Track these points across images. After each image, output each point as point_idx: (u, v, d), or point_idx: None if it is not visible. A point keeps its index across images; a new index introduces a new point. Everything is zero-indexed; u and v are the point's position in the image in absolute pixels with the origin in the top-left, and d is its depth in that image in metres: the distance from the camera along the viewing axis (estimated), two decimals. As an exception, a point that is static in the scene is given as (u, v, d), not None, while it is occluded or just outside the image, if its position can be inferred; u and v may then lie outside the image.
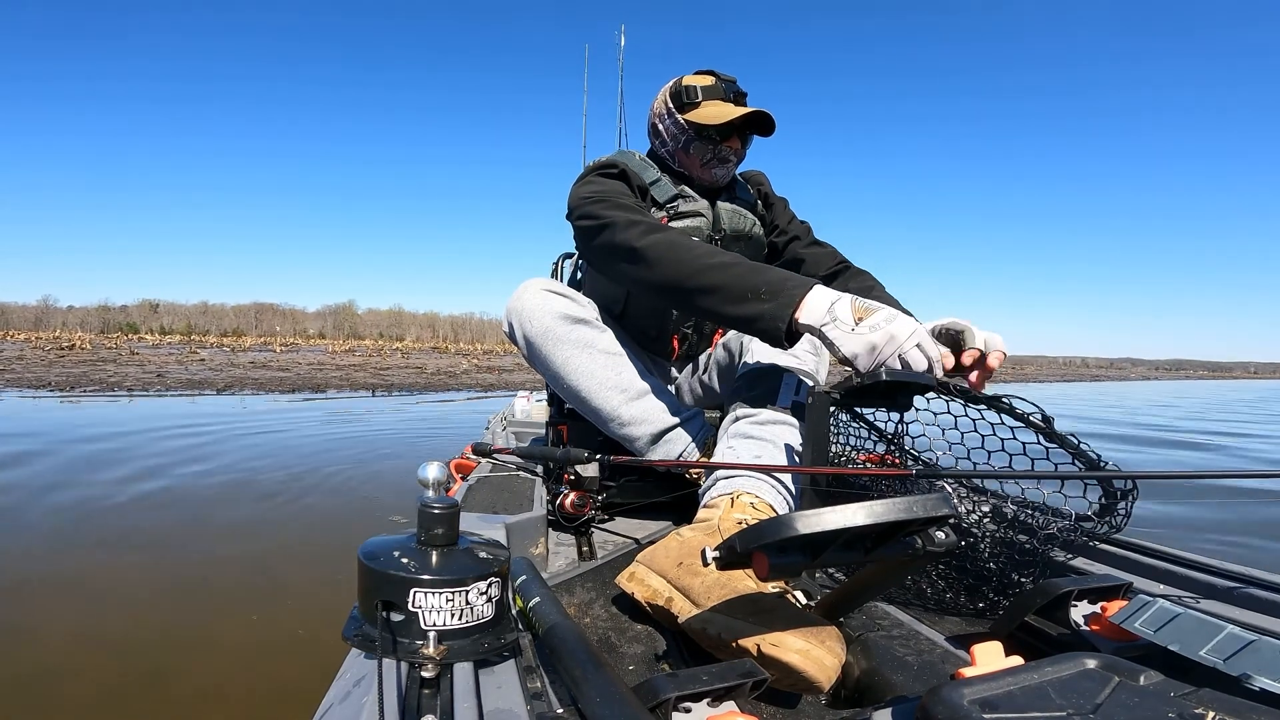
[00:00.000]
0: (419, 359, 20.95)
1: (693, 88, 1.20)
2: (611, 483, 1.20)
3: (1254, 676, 0.45)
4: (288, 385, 9.94)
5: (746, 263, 0.92)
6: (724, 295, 0.90)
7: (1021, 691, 0.39)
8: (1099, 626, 0.62)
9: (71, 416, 5.71)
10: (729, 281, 0.90)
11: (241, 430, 5.08)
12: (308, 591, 1.92)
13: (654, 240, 0.99)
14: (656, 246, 0.98)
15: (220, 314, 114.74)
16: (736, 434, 0.97)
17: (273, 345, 31.79)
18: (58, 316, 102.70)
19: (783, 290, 0.86)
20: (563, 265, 1.77)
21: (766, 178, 1.40)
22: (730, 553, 0.52)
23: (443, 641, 0.46)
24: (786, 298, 0.85)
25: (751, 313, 0.88)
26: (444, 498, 0.51)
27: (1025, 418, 0.84)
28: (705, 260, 0.93)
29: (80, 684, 1.40)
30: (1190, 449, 5.84)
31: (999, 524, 0.84)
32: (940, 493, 0.57)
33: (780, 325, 0.85)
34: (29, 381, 8.90)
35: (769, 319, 0.86)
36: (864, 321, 0.80)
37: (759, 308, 0.87)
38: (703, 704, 0.44)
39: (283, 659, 1.52)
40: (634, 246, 1.00)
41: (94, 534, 2.39)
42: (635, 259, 1.00)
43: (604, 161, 1.22)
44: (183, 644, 1.59)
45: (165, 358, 15.74)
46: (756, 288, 0.88)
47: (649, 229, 1.01)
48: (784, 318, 0.85)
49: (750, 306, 0.88)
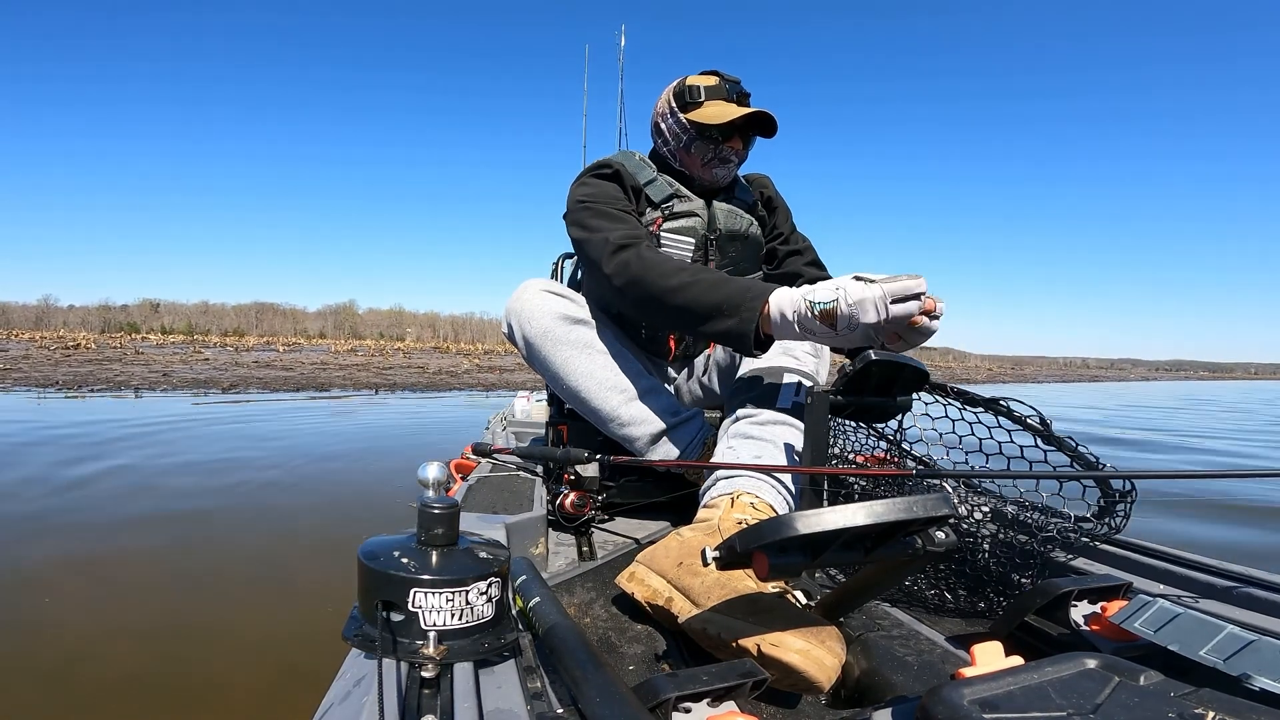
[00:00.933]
0: (420, 359, 21.00)
1: (696, 87, 1.20)
2: (611, 483, 1.20)
3: (1254, 676, 0.45)
4: (292, 384, 9.99)
5: (706, 279, 0.93)
6: (689, 316, 0.93)
7: (1021, 691, 0.39)
8: (1099, 626, 0.62)
9: (124, 414, 5.80)
10: (690, 302, 0.92)
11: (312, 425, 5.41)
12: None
13: (618, 263, 1.01)
14: (621, 271, 1.00)
15: (221, 314, 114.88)
16: (737, 434, 0.97)
17: (276, 345, 31.85)
18: (59, 316, 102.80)
19: (742, 304, 0.87)
20: (563, 265, 1.77)
21: (771, 181, 1.40)
22: (730, 553, 0.52)
23: (443, 641, 0.46)
24: (748, 312, 0.87)
25: (718, 330, 0.90)
26: (444, 498, 0.51)
27: (1023, 420, 0.84)
28: (668, 282, 0.95)
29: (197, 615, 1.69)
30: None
31: (999, 525, 0.84)
32: (940, 493, 0.57)
33: (747, 340, 0.87)
34: (36, 380, 8.97)
35: (735, 335, 0.88)
36: (836, 326, 0.79)
37: (723, 324, 0.89)
38: (703, 704, 0.45)
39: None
40: (605, 272, 1.03)
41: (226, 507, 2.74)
42: (606, 282, 1.03)
43: (599, 162, 1.23)
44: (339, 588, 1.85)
45: (170, 357, 15.86)
46: (718, 304, 0.89)
47: (616, 248, 1.02)
48: (748, 332, 0.87)
49: (715, 324, 0.90)
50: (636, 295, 0.99)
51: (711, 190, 1.27)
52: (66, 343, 21.41)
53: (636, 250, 1.01)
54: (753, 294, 0.88)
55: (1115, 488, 0.79)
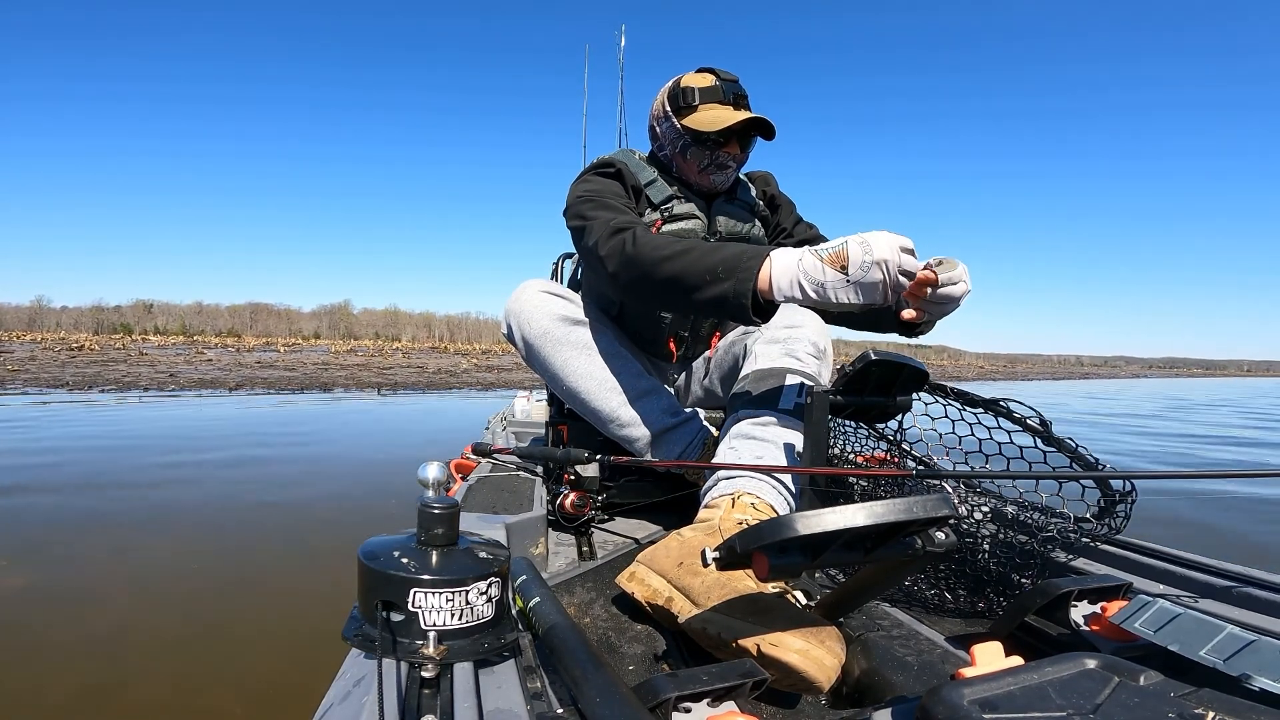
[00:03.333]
0: (420, 359, 21.06)
1: (690, 90, 1.17)
2: (611, 483, 1.20)
3: (1254, 676, 0.45)
4: (296, 384, 10.07)
5: (702, 246, 0.90)
6: (685, 284, 0.88)
7: (1021, 691, 0.39)
8: (1099, 626, 0.62)
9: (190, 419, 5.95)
10: (685, 269, 0.88)
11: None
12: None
13: (613, 246, 0.98)
14: (616, 253, 0.97)
15: (215, 314, 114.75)
16: (739, 434, 0.97)
17: (276, 345, 31.87)
18: (52, 317, 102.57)
19: (739, 265, 0.83)
20: (563, 266, 1.77)
21: (774, 178, 1.37)
22: (730, 553, 0.52)
23: (443, 641, 0.46)
24: (745, 273, 0.82)
25: (715, 294, 0.85)
26: (444, 498, 0.51)
27: (1023, 421, 0.84)
28: (661, 252, 0.91)
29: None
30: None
31: (999, 525, 0.84)
32: (940, 493, 0.57)
33: (744, 301, 0.82)
34: (46, 381, 9.08)
35: (733, 298, 0.83)
36: (849, 267, 0.76)
37: (720, 288, 0.84)
38: (703, 704, 0.45)
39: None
40: (600, 255, 0.99)
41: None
42: (601, 267, 1.00)
43: (601, 160, 1.22)
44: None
45: (174, 358, 15.96)
46: (713, 268, 0.85)
47: (612, 232, 0.99)
48: (745, 293, 0.82)
49: (712, 289, 0.85)
50: (630, 276, 0.96)
51: (713, 192, 1.26)
52: (69, 344, 21.47)
53: (632, 231, 0.98)
54: (749, 254, 0.84)
55: (1115, 488, 0.79)
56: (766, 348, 1.06)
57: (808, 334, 1.05)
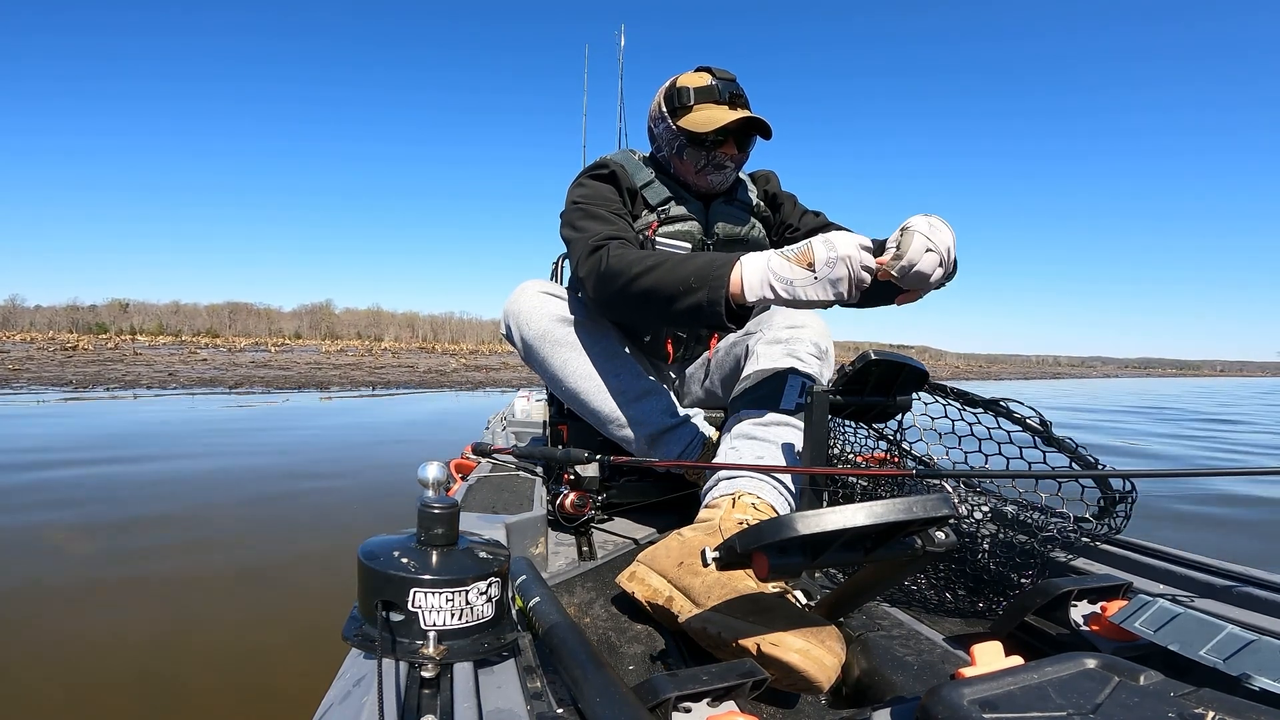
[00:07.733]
0: (409, 358, 21.17)
1: (685, 90, 1.15)
2: (611, 483, 1.20)
3: (1254, 676, 0.45)
4: (293, 383, 10.13)
5: (674, 258, 0.91)
6: (659, 297, 0.90)
7: (1021, 691, 0.39)
8: (1099, 626, 0.62)
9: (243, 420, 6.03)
10: (658, 282, 0.89)
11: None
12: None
13: (591, 263, 0.99)
14: (593, 270, 0.98)
15: (193, 313, 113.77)
16: (739, 434, 0.97)
17: (267, 345, 31.94)
18: (25, 316, 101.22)
19: (710, 274, 0.85)
20: (562, 266, 1.77)
21: (776, 176, 1.36)
22: (730, 553, 0.52)
23: (443, 641, 0.46)
24: (716, 280, 0.84)
25: (689, 305, 0.86)
26: (444, 498, 0.51)
27: (1023, 421, 0.84)
28: (634, 269, 0.93)
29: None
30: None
31: (999, 525, 0.84)
32: (940, 493, 0.57)
33: (719, 309, 0.84)
34: (48, 380, 9.16)
35: (707, 305, 0.85)
36: (815, 265, 0.79)
37: (694, 299, 0.86)
38: (703, 704, 0.45)
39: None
40: (580, 275, 1.01)
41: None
42: (581, 284, 1.02)
43: (597, 162, 1.21)
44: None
45: (169, 357, 16.05)
46: (685, 279, 0.87)
47: (591, 250, 1.00)
48: (719, 300, 0.84)
49: (686, 300, 0.87)
50: (607, 293, 0.97)
51: (711, 193, 1.25)
52: (63, 344, 21.53)
53: (606, 249, 0.99)
54: (720, 261, 0.86)
55: (1115, 488, 0.79)
56: (768, 348, 1.06)
57: (810, 335, 1.05)
